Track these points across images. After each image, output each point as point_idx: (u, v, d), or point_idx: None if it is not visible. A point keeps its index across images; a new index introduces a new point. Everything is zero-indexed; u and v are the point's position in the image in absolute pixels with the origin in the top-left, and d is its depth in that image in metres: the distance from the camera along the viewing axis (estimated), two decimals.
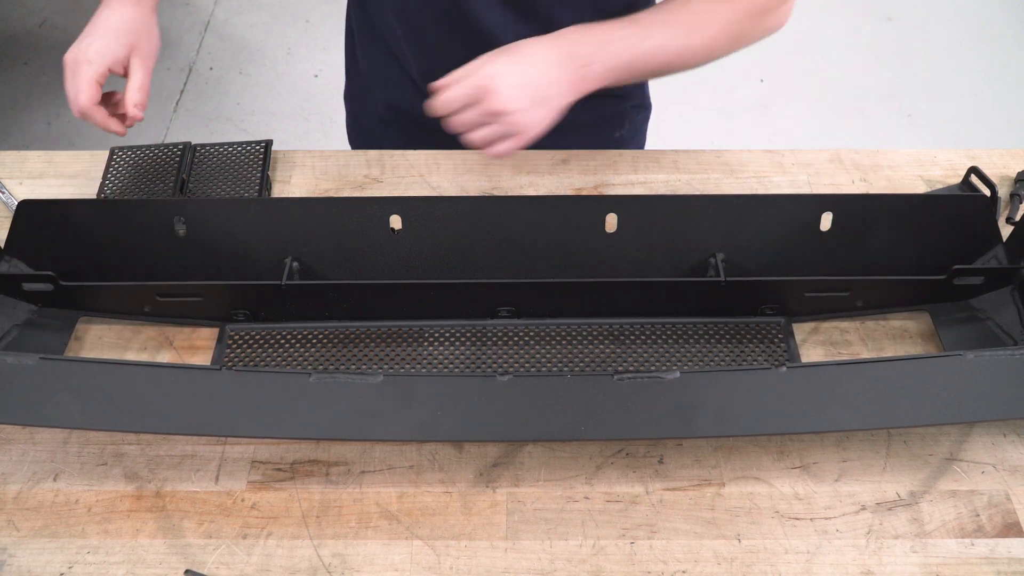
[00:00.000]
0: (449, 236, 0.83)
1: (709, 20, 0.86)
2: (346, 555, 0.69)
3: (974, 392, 0.67)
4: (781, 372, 0.68)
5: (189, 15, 2.68)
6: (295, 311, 0.82)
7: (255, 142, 0.97)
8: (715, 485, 0.72)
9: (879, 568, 0.68)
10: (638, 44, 0.84)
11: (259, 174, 0.94)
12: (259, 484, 0.72)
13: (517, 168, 0.98)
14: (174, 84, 2.47)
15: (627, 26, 0.85)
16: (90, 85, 0.85)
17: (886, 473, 0.73)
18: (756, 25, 0.88)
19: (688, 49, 0.87)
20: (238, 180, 0.94)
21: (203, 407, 0.68)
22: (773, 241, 0.83)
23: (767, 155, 0.99)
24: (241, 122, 2.35)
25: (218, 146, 0.97)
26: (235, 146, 0.97)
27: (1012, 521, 0.70)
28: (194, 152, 0.97)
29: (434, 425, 0.67)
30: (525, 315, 0.83)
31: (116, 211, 0.83)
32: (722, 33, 0.87)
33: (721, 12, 0.86)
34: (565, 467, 0.74)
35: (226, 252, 0.83)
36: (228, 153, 0.96)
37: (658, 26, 0.86)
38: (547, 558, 0.68)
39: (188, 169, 0.95)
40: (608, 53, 0.83)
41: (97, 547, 0.69)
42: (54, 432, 0.75)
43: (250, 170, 0.94)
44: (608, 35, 0.85)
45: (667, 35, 0.86)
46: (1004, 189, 0.94)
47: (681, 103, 2.39)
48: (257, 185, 0.93)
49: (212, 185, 0.93)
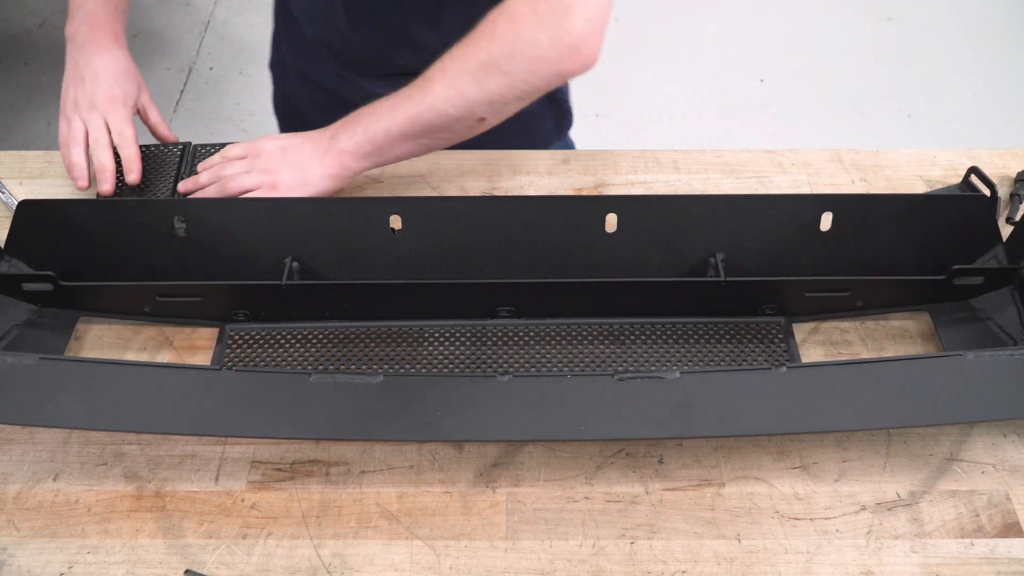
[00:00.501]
0: (449, 236, 0.83)
1: (452, 77, 0.84)
2: (346, 555, 0.69)
3: (974, 392, 0.67)
4: (781, 372, 0.68)
5: (189, 15, 2.68)
6: (295, 311, 0.82)
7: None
8: (715, 485, 0.72)
9: (879, 568, 0.68)
10: (386, 115, 0.86)
11: None
12: (259, 484, 0.72)
13: (517, 168, 0.98)
14: (174, 84, 2.47)
15: (390, 98, 0.87)
16: (131, 124, 0.94)
17: (886, 473, 0.73)
18: (527, 69, 0.83)
19: (443, 113, 0.85)
20: None
21: (203, 407, 0.68)
22: (773, 241, 0.83)
23: (767, 155, 0.99)
24: (241, 122, 2.35)
25: (218, 146, 0.97)
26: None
27: (1012, 521, 0.70)
28: (194, 153, 0.97)
29: (434, 425, 0.67)
30: (525, 315, 0.83)
31: (116, 211, 0.83)
32: (470, 87, 0.83)
33: (457, 65, 0.84)
34: (565, 467, 0.74)
35: (226, 252, 0.83)
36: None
37: (417, 92, 0.85)
38: (547, 558, 0.68)
39: (188, 169, 0.95)
40: (356, 128, 0.87)
41: (97, 547, 0.69)
42: (54, 432, 0.75)
43: None
44: (367, 110, 0.88)
45: (421, 101, 0.85)
46: (1004, 189, 0.94)
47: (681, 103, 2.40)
48: None
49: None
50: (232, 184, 0.89)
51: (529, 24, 0.81)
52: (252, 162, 0.90)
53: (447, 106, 0.84)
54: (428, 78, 0.85)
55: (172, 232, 0.82)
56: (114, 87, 0.94)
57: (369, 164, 0.89)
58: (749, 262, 0.83)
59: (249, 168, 0.90)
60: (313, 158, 0.89)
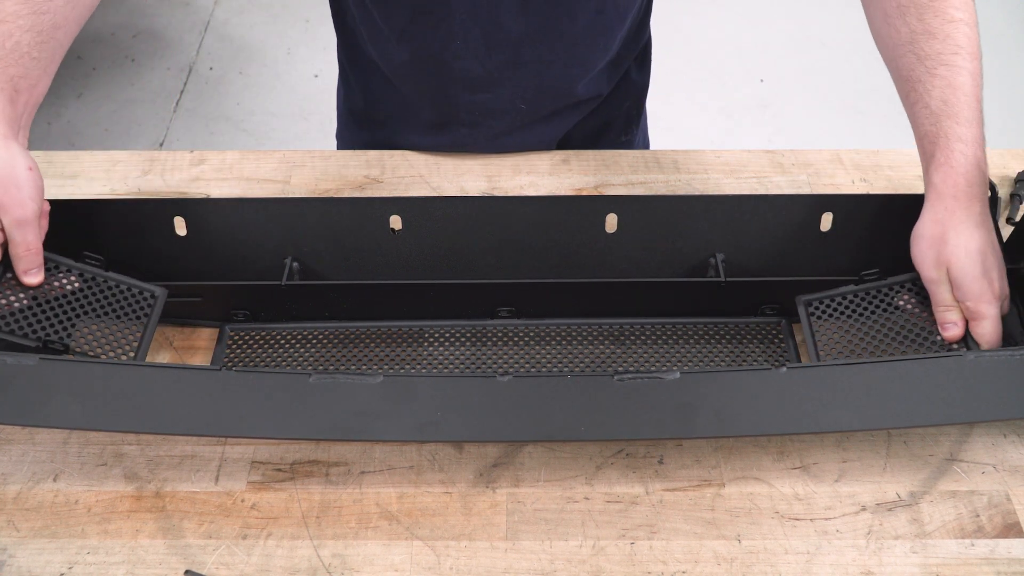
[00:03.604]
0: (449, 236, 0.83)
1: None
2: (346, 555, 0.69)
3: (974, 392, 0.67)
4: (781, 372, 0.68)
5: (189, 15, 2.68)
6: (295, 311, 0.82)
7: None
8: (715, 485, 0.72)
9: (879, 569, 0.68)
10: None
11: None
12: (259, 484, 0.72)
13: (517, 168, 0.98)
14: (174, 84, 2.47)
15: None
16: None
17: (886, 473, 0.73)
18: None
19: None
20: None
21: (203, 407, 0.68)
22: (773, 241, 0.83)
23: (767, 155, 0.99)
24: (241, 122, 2.35)
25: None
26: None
27: (1012, 521, 0.70)
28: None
29: (434, 425, 0.67)
30: (525, 315, 0.83)
31: (116, 211, 0.83)
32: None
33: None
34: (565, 467, 0.74)
35: (226, 252, 0.83)
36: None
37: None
38: (547, 558, 0.68)
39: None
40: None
41: (97, 547, 0.69)
42: (54, 432, 0.75)
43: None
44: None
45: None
46: (1004, 189, 0.94)
47: (681, 103, 2.39)
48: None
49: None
50: None
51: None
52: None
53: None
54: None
55: (172, 232, 0.82)
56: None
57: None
58: (749, 262, 0.83)
59: None
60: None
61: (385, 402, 0.68)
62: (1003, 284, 0.73)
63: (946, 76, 0.73)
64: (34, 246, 0.71)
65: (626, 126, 1.11)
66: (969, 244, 0.71)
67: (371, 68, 1.02)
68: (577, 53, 0.94)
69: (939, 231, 0.72)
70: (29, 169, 0.70)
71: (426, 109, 0.99)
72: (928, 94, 0.74)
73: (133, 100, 2.42)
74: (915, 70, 0.75)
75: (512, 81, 0.95)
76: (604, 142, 1.09)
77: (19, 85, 0.71)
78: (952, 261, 0.71)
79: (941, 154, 0.73)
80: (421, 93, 0.98)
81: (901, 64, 0.76)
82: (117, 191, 0.96)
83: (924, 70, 0.74)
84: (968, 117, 0.72)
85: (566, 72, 0.95)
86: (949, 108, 0.73)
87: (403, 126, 1.02)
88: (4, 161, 0.68)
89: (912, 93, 0.76)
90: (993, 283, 0.72)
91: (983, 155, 0.73)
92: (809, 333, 0.78)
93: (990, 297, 0.71)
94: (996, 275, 0.72)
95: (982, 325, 0.72)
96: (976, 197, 0.72)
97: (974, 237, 0.71)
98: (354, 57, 1.04)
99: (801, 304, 0.79)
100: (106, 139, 2.29)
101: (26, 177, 0.69)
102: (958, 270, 0.71)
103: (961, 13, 0.74)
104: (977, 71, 0.73)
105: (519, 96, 0.96)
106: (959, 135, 0.72)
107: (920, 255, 0.74)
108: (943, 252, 0.72)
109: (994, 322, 0.72)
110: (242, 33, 2.61)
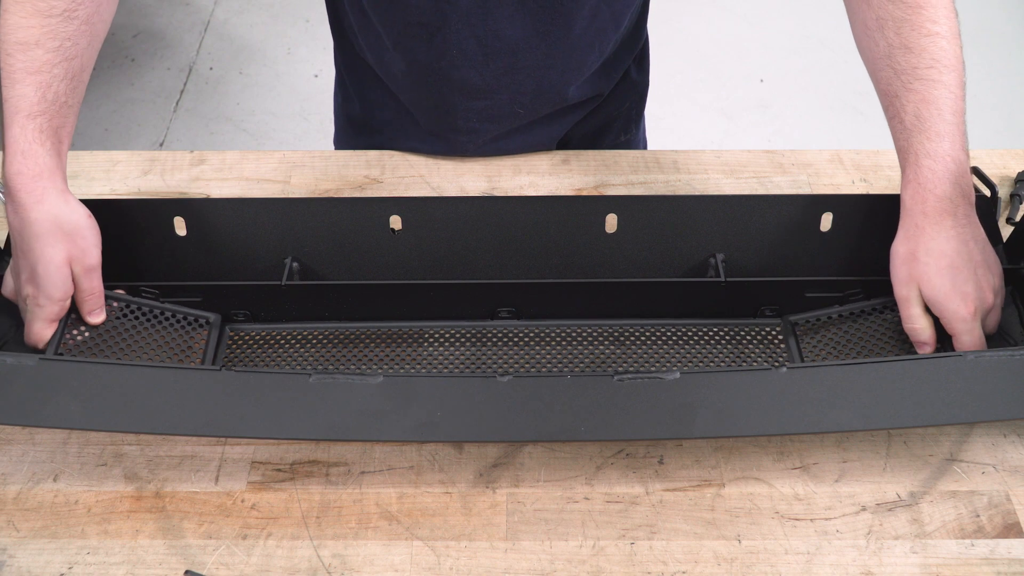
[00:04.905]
0: (449, 236, 0.83)
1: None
2: (346, 555, 0.69)
3: (974, 392, 0.67)
4: (781, 372, 0.68)
5: (189, 15, 2.68)
6: (295, 311, 0.82)
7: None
8: (715, 486, 0.72)
9: (879, 569, 0.68)
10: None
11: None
12: (259, 485, 0.72)
13: (517, 168, 0.98)
14: (174, 84, 2.47)
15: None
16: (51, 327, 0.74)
17: (886, 474, 0.73)
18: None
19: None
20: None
21: (203, 407, 0.68)
22: (773, 241, 0.83)
23: (767, 155, 0.99)
24: (241, 122, 2.35)
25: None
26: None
27: (1012, 522, 0.70)
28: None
29: (434, 425, 0.67)
30: (525, 316, 0.83)
31: (116, 211, 0.83)
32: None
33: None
34: (565, 467, 0.74)
35: (226, 252, 0.83)
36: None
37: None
38: (547, 559, 0.68)
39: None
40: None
41: (97, 547, 0.69)
42: (54, 432, 0.75)
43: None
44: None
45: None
46: (1004, 189, 0.94)
47: (681, 103, 2.39)
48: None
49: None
50: None
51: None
52: None
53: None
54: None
55: (172, 232, 0.82)
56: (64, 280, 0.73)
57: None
58: (749, 262, 0.83)
59: None
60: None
61: (385, 402, 0.68)
62: (987, 294, 0.73)
63: (920, 91, 0.73)
64: (98, 289, 0.76)
65: (626, 126, 1.11)
66: (940, 261, 0.71)
67: (369, 76, 1.02)
68: (574, 57, 0.94)
69: (910, 249, 0.73)
70: (88, 218, 0.74)
71: (424, 116, 0.99)
72: (903, 109, 0.74)
73: (133, 100, 2.42)
74: (892, 84, 0.75)
75: (510, 87, 0.95)
76: (604, 142, 1.09)
77: (62, 135, 0.74)
78: (922, 279, 0.72)
79: (910, 170, 0.73)
80: (419, 101, 0.98)
81: (880, 78, 0.77)
82: (117, 191, 0.96)
83: (900, 84, 0.74)
84: (940, 131, 0.72)
85: (563, 76, 0.95)
86: (921, 123, 0.73)
87: (401, 133, 1.02)
88: (68, 214, 0.72)
89: (890, 108, 0.76)
90: (968, 297, 0.72)
91: (959, 167, 0.72)
92: (796, 352, 0.80)
93: (964, 314, 0.71)
94: (972, 288, 0.72)
95: (960, 341, 0.72)
96: (946, 212, 0.72)
97: (944, 253, 0.71)
98: (352, 65, 1.04)
99: (787, 324, 0.81)
100: (106, 139, 2.29)
101: (88, 226, 0.74)
102: (929, 289, 0.72)
103: (940, 27, 0.73)
104: (955, 83, 0.73)
105: (517, 101, 0.96)
106: (927, 151, 0.72)
107: (893, 273, 0.74)
108: (914, 270, 0.72)
109: (972, 336, 0.72)
110: (242, 33, 2.61)
